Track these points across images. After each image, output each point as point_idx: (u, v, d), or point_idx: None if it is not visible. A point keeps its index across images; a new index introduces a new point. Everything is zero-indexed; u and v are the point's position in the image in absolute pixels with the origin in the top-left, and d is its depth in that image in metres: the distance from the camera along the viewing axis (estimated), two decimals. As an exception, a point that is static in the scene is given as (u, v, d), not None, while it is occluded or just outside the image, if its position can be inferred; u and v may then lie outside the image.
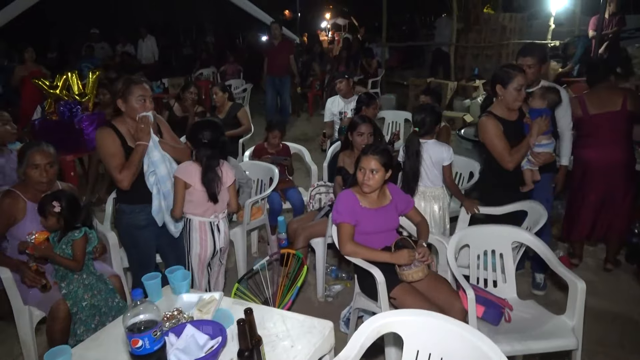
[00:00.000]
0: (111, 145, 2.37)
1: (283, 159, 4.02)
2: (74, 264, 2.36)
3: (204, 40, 15.67)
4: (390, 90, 9.68)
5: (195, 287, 2.81)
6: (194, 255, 2.63)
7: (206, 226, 2.59)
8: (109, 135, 2.39)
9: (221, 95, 5.02)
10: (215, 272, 2.82)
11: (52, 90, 4.35)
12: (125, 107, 2.42)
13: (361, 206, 2.48)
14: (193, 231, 2.58)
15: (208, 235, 2.60)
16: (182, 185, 2.48)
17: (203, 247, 2.60)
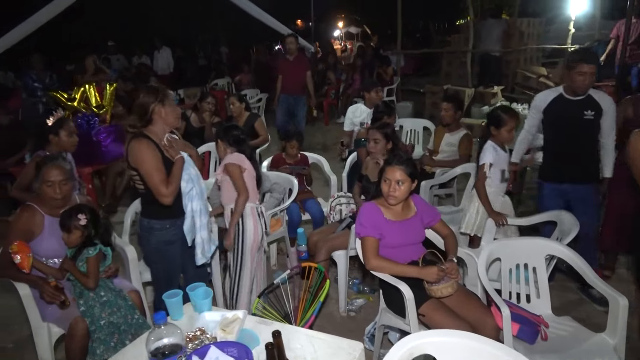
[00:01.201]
0: (154, 158, 2.28)
1: (301, 168, 3.95)
2: (85, 280, 2.32)
3: (218, 51, 15.80)
4: (406, 97, 9.59)
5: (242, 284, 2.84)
6: (248, 245, 2.76)
7: (256, 211, 2.79)
8: (150, 148, 2.28)
9: (238, 105, 4.99)
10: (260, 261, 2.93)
11: (70, 102, 4.35)
12: (164, 113, 2.34)
13: (385, 219, 2.39)
14: (247, 218, 2.75)
15: (259, 220, 2.80)
16: (240, 171, 2.74)
17: (256, 233, 2.77)
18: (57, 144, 3.33)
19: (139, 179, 2.33)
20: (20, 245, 2.30)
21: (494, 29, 8.51)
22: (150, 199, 2.34)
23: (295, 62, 6.53)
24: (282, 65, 6.63)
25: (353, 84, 9.63)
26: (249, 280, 2.92)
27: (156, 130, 2.37)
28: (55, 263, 2.46)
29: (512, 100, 7.77)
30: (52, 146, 3.32)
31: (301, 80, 6.60)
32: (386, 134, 3.21)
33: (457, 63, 9.19)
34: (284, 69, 6.57)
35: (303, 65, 6.64)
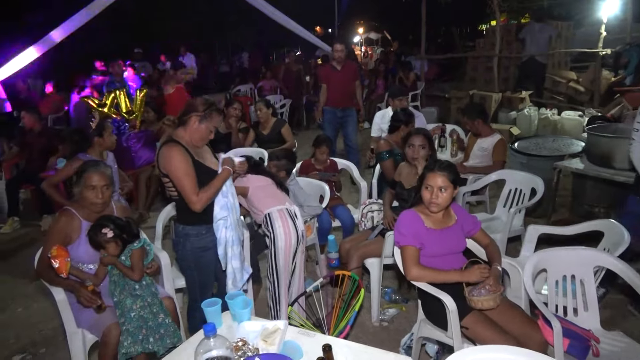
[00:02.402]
0: (185, 164, 2.26)
1: (331, 175, 3.90)
2: (130, 273, 2.31)
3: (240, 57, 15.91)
4: (429, 103, 9.48)
5: (281, 292, 2.81)
6: (280, 250, 2.74)
7: (285, 213, 2.78)
8: (181, 153, 2.27)
9: (265, 111, 4.98)
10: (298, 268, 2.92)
11: (101, 108, 4.39)
12: (196, 127, 2.33)
13: (426, 227, 2.32)
14: (275, 222, 2.74)
15: (289, 222, 2.77)
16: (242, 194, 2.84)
17: (287, 236, 2.74)
18: (101, 145, 3.47)
19: (171, 185, 2.31)
20: (59, 249, 2.30)
21: (541, 34, 8.18)
22: (184, 205, 2.32)
23: (344, 72, 5.77)
24: (328, 74, 5.87)
25: (376, 89, 9.58)
26: (285, 285, 2.87)
27: (185, 137, 2.36)
28: (91, 269, 2.45)
29: (541, 106, 7.62)
30: (95, 147, 3.45)
31: (350, 91, 5.88)
32: (430, 138, 3.15)
33: (482, 68, 9.03)
34: (330, 78, 5.81)
35: (352, 74, 5.87)
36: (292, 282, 2.99)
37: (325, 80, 5.93)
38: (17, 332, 3.22)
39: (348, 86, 5.80)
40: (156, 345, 2.27)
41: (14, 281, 3.87)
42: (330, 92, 5.81)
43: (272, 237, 2.80)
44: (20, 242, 4.66)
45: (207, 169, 2.38)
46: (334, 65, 5.82)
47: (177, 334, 2.40)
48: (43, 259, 2.37)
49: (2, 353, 3.01)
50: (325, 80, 5.90)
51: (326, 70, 6.05)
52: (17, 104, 7.63)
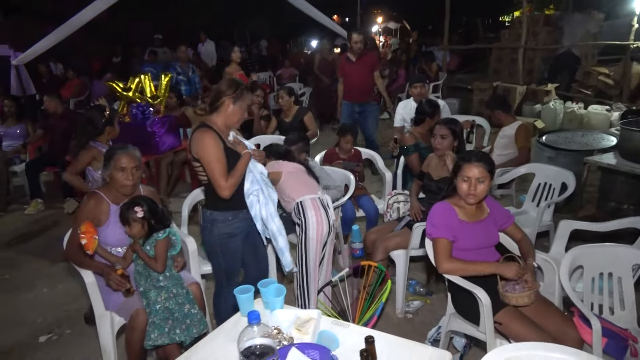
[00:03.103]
0: (217, 149, 2.26)
1: (355, 165, 3.85)
2: (154, 264, 2.29)
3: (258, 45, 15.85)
4: (450, 94, 9.34)
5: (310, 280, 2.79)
6: (311, 240, 2.68)
7: (317, 202, 2.73)
8: (213, 138, 2.27)
9: (287, 99, 4.93)
10: (327, 258, 2.86)
11: (126, 92, 4.39)
12: (231, 110, 2.33)
13: (460, 220, 2.27)
14: (307, 211, 2.68)
15: (322, 212, 2.72)
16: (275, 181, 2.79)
17: (320, 225, 2.68)
18: (110, 134, 3.42)
19: (202, 170, 2.30)
20: (88, 226, 2.30)
21: (580, 25, 7.93)
22: (212, 190, 2.32)
23: (361, 64, 5.38)
24: (343, 67, 5.50)
25: (397, 79, 9.46)
26: (315, 275, 2.84)
27: (218, 122, 2.35)
28: (119, 252, 2.46)
29: (567, 99, 7.45)
30: (105, 136, 3.39)
31: (369, 84, 5.48)
32: (454, 130, 3.07)
33: (507, 60, 8.86)
34: (345, 71, 5.47)
35: (370, 65, 5.43)
36: (320, 272, 2.95)
37: (340, 73, 5.61)
38: (44, 312, 3.26)
39: (365, 79, 5.43)
40: (183, 335, 2.28)
41: (38, 262, 3.91)
42: (347, 86, 5.50)
43: (303, 225, 2.75)
44: (43, 223, 4.72)
45: (238, 154, 2.36)
46: (349, 57, 5.45)
47: (204, 322, 2.40)
48: (72, 242, 2.38)
49: (30, 332, 3.05)
50: (341, 74, 5.59)
51: (342, 62, 5.66)
52: (40, 87, 7.69)
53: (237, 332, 1.77)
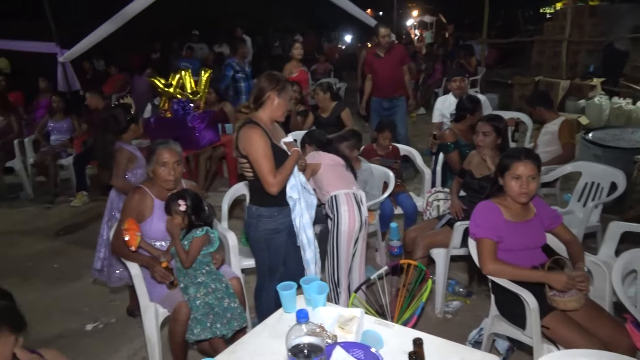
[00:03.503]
0: (265, 146, 2.27)
1: (393, 161, 3.81)
2: (184, 258, 2.33)
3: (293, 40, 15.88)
4: (489, 89, 9.11)
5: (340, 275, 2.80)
6: (342, 235, 2.70)
7: (351, 197, 2.73)
8: (262, 135, 2.28)
9: (322, 95, 4.92)
10: (359, 254, 2.86)
11: (167, 88, 4.47)
12: (276, 103, 2.35)
13: (505, 220, 2.21)
14: (341, 206, 2.70)
15: (355, 207, 2.72)
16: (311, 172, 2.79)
17: (352, 220, 2.69)
18: (135, 132, 3.28)
19: (249, 166, 2.32)
20: (130, 223, 2.37)
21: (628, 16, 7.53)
22: (259, 186, 2.33)
23: (389, 58, 5.22)
24: (371, 62, 5.36)
25: (434, 74, 9.31)
26: (345, 271, 2.85)
27: (264, 118, 2.36)
28: (163, 246, 2.51)
29: (614, 94, 7.13)
30: (130, 134, 3.23)
31: (399, 79, 5.32)
32: (497, 127, 2.99)
33: (549, 53, 8.56)
34: (373, 66, 5.33)
35: (399, 59, 5.28)
36: (352, 269, 2.96)
37: (368, 68, 5.45)
38: (90, 301, 3.38)
39: (394, 74, 5.28)
40: (224, 329, 2.31)
41: (84, 252, 4.03)
42: (375, 82, 5.38)
43: (335, 220, 2.77)
44: (89, 215, 4.89)
45: (283, 151, 2.37)
46: (377, 52, 5.31)
47: (243, 316, 2.43)
48: (118, 236, 2.45)
49: (77, 320, 3.17)
50: (369, 69, 5.44)
51: (369, 57, 5.48)
52: (84, 83, 7.95)
53: (281, 328, 1.79)
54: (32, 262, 3.99)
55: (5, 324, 1.26)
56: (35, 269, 3.89)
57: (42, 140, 5.61)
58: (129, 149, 3.10)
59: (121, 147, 3.06)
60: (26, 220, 4.94)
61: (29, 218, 5.00)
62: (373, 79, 5.39)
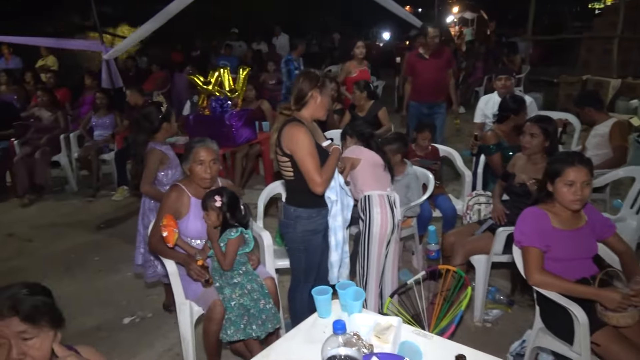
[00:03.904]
0: (310, 144, 2.22)
1: (432, 162, 3.70)
2: (223, 261, 2.32)
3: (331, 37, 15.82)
4: (533, 88, 8.78)
5: (370, 278, 2.75)
6: (374, 237, 2.67)
7: (385, 199, 2.69)
8: (307, 133, 2.23)
9: (359, 94, 4.84)
10: (391, 257, 2.81)
11: (206, 86, 4.51)
12: (319, 101, 2.30)
13: (553, 227, 2.09)
14: (373, 207, 2.67)
15: (387, 210, 2.68)
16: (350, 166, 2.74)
17: (384, 223, 2.66)
18: (168, 131, 3.20)
19: (290, 165, 2.28)
20: (169, 219, 2.38)
21: None
22: (298, 186, 2.29)
23: (434, 61, 4.85)
24: (414, 64, 4.96)
25: (474, 72, 9.06)
26: (376, 274, 2.79)
27: (306, 117, 2.32)
28: (198, 244, 2.52)
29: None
30: (162, 133, 3.14)
31: (441, 83, 4.95)
32: (546, 129, 2.84)
33: (599, 50, 8.15)
34: (416, 69, 4.94)
35: (444, 64, 4.92)
36: (384, 272, 2.88)
37: (409, 70, 5.04)
38: (128, 295, 3.45)
39: (438, 77, 4.90)
40: (259, 331, 2.30)
41: (124, 246, 4.14)
42: (416, 85, 4.96)
43: (367, 221, 2.72)
44: (129, 209, 5.00)
45: (324, 150, 2.33)
46: (421, 53, 4.90)
47: (277, 317, 2.41)
48: (155, 233, 2.47)
49: (115, 313, 3.23)
50: (410, 71, 5.02)
51: (411, 58, 5.05)
52: (127, 80, 8.16)
53: (315, 334, 1.75)
54: (75, 255, 4.12)
55: (44, 320, 1.27)
56: (77, 261, 4.01)
57: (86, 135, 5.78)
58: (161, 150, 3.04)
59: (153, 149, 3.01)
60: (70, 213, 5.10)
61: (73, 211, 5.17)
62: (413, 82, 5.01)
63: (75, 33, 6.52)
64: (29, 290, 1.29)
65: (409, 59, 5.16)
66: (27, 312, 1.23)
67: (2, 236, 4.57)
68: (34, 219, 4.99)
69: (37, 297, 1.28)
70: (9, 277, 3.76)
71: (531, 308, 2.90)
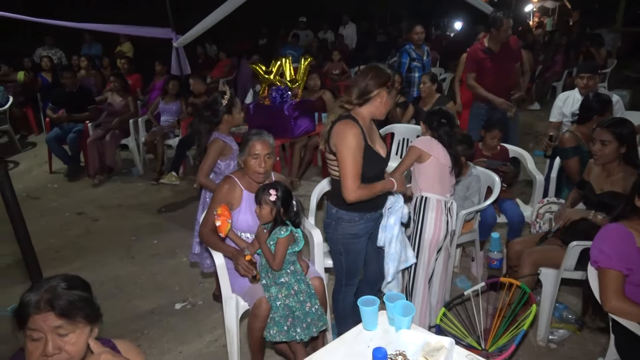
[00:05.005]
0: (358, 147, 2.09)
1: (501, 164, 3.44)
2: (272, 261, 2.26)
3: (399, 27, 15.38)
4: (619, 85, 8.02)
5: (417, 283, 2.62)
6: (425, 242, 2.55)
7: (442, 205, 2.55)
8: (357, 135, 2.10)
9: (429, 85, 4.64)
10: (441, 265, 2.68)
11: (267, 75, 4.48)
12: (384, 100, 2.17)
13: (638, 248, 1.83)
14: (429, 211, 2.53)
15: (443, 217, 2.54)
16: (415, 157, 2.56)
17: (437, 229, 2.53)
18: (229, 122, 3.13)
19: (336, 164, 2.17)
20: (224, 209, 2.34)
21: None
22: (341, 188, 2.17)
23: (505, 54, 4.25)
24: (480, 59, 4.31)
25: (553, 65, 8.42)
26: (424, 281, 2.63)
27: (365, 115, 2.19)
28: (248, 238, 2.48)
29: None
30: (225, 125, 3.09)
31: (511, 82, 4.36)
32: (620, 134, 2.52)
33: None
34: (482, 64, 4.29)
35: (513, 58, 4.35)
36: (432, 280, 2.70)
37: (474, 66, 4.35)
38: (181, 280, 3.51)
39: (511, 74, 4.34)
40: (302, 334, 2.23)
41: (181, 231, 4.23)
42: (485, 84, 4.29)
43: (418, 224, 2.57)
44: (190, 194, 5.10)
45: (377, 155, 2.21)
46: (489, 47, 4.26)
47: (323, 319, 2.33)
48: (206, 224, 2.45)
49: (168, 298, 3.30)
50: (474, 67, 4.35)
51: (476, 53, 4.35)
52: (195, 67, 8.37)
53: (358, 348, 1.65)
54: (136, 237, 4.26)
55: (80, 316, 1.25)
56: (137, 243, 4.15)
57: (153, 120, 5.98)
58: (224, 141, 3.00)
59: (216, 139, 2.99)
60: (134, 195, 5.31)
61: (137, 193, 5.37)
62: (479, 81, 4.34)
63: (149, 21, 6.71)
64: (67, 284, 1.28)
65: (473, 53, 4.41)
66: (63, 308, 1.22)
67: (72, 214, 4.84)
68: (102, 199, 5.24)
69: (74, 291, 1.27)
70: (75, 254, 3.97)
71: (605, 333, 2.61)
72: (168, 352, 2.78)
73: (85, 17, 7.33)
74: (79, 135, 5.76)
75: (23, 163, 6.61)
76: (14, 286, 3.26)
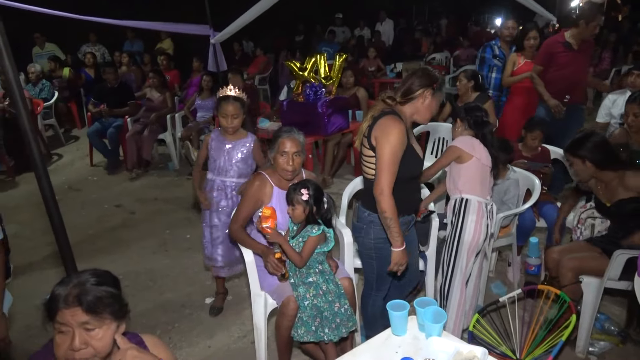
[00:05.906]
0: (399, 146, 2.03)
1: (542, 165, 3.30)
2: (297, 259, 2.23)
3: (438, 23, 15.08)
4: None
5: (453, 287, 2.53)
6: (464, 245, 2.46)
7: (483, 208, 2.46)
8: (402, 132, 2.04)
9: (464, 83, 4.48)
10: (477, 269, 2.59)
11: (302, 72, 4.47)
12: (428, 102, 2.11)
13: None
14: (469, 215, 2.44)
15: (483, 220, 2.45)
16: (454, 158, 2.48)
17: (477, 233, 2.44)
18: None
19: (374, 161, 2.08)
20: (273, 212, 2.27)
21: None
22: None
23: (584, 52, 3.99)
24: (557, 53, 3.97)
25: (600, 63, 8.04)
26: (461, 284, 2.54)
27: (407, 114, 2.13)
28: (278, 234, 2.46)
29: None
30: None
31: (584, 83, 4.16)
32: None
33: None
34: (558, 60, 3.96)
35: (590, 56, 4.18)
36: (468, 284, 2.60)
37: (545, 60, 4.00)
38: (211, 275, 3.53)
39: (585, 74, 4.08)
40: (331, 335, 2.20)
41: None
42: (553, 80, 3.97)
43: (457, 227, 2.48)
44: (222, 190, 5.16)
45: (417, 155, 2.15)
46: (569, 42, 3.92)
47: (353, 319, 2.29)
48: (236, 221, 2.45)
49: (199, 292, 3.35)
50: (547, 60, 3.98)
51: (552, 45, 4.01)
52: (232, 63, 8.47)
53: (386, 353, 1.60)
54: (170, 230, 4.34)
55: (106, 312, 1.26)
56: (171, 237, 4.22)
57: (190, 116, 6.08)
58: None
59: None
60: (170, 190, 5.41)
61: (172, 187, 5.48)
62: (548, 76, 4.01)
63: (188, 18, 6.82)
64: (97, 279, 1.28)
65: (552, 44, 4.04)
66: (91, 304, 1.22)
67: (111, 207, 4.98)
68: (139, 192, 5.37)
69: (103, 287, 1.27)
70: (112, 246, 4.08)
71: (651, 348, 2.47)
72: (197, 345, 2.81)
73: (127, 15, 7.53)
74: (118, 129, 5.93)
75: (66, 156, 6.87)
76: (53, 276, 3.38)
